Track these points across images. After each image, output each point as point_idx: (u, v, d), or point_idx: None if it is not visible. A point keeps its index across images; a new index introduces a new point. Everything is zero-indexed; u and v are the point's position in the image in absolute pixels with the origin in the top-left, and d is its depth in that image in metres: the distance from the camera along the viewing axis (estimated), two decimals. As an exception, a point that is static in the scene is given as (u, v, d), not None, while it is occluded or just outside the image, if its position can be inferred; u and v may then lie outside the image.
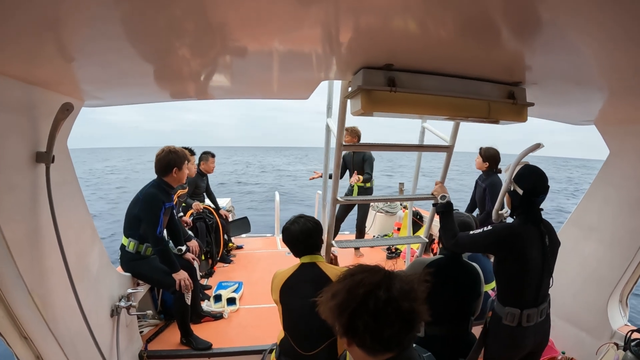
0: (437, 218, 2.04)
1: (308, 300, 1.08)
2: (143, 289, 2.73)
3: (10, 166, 1.39)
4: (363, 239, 4.55)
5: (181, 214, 4.07)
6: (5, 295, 1.36)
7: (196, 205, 4.10)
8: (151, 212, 2.47)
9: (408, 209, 3.60)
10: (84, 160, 61.21)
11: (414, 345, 1.05)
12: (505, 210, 2.01)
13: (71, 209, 1.86)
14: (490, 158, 3.49)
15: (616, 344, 2.30)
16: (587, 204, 2.75)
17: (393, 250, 4.83)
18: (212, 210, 4.39)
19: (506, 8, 0.90)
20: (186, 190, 3.86)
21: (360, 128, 4.32)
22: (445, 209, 1.96)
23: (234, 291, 3.55)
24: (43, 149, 1.52)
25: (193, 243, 3.20)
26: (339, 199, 2.18)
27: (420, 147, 2.35)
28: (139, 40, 1.14)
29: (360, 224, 4.74)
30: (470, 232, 1.83)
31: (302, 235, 1.83)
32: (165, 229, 2.85)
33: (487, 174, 3.52)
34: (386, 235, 5.52)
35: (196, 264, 2.97)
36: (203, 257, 3.92)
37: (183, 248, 2.92)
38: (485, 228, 1.78)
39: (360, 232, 4.78)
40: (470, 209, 3.75)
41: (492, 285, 2.67)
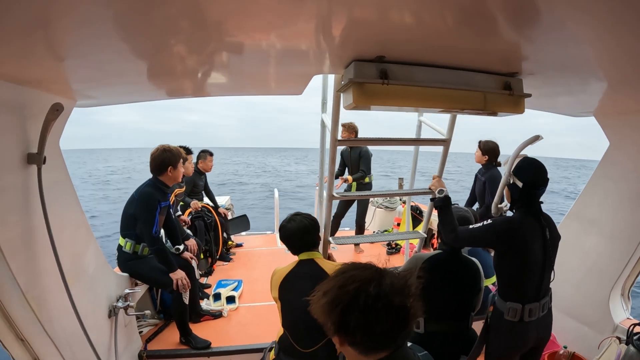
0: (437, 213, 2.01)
1: (306, 297, 1.07)
2: (141, 289, 2.72)
3: (1, 168, 1.38)
4: (360, 235, 4.54)
5: (179, 213, 4.06)
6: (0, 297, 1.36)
7: (194, 203, 4.09)
8: (147, 212, 2.45)
9: (406, 204, 3.57)
10: (85, 161, 61.33)
11: (410, 343, 1.03)
12: (504, 204, 1.98)
13: (65, 210, 1.85)
14: (489, 151, 3.45)
15: (618, 338, 2.27)
16: (587, 197, 2.71)
17: (393, 245, 4.81)
18: (211, 208, 4.37)
19: None
20: (183, 189, 3.84)
21: (358, 127, 4.28)
22: (443, 203, 1.93)
23: (234, 289, 3.53)
24: (35, 150, 1.51)
25: (191, 242, 3.19)
26: (335, 195, 2.16)
27: (416, 141, 2.32)
28: (132, 38, 1.13)
29: (359, 219, 4.72)
30: (469, 227, 1.81)
31: (299, 232, 1.83)
32: (162, 229, 2.84)
33: (487, 167, 3.49)
34: (386, 230, 5.50)
35: (194, 263, 2.95)
36: (202, 256, 3.90)
37: (181, 247, 2.91)
38: (484, 222, 1.76)
39: (360, 228, 4.77)
40: (470, 203, 3.72)
41: (493, 279, 2.65)
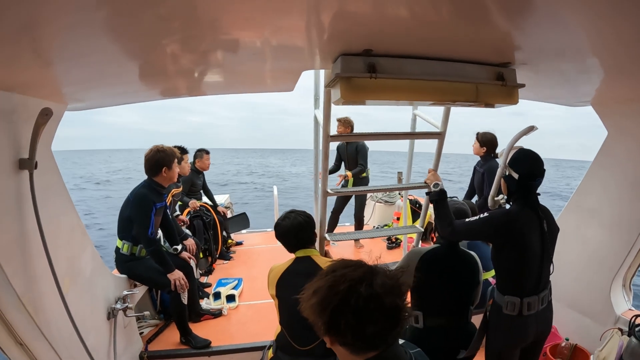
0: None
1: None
2: (140, 290, 2.72)
3: None
4: (356, 231, 4.50)
5: (178, 213, 4.05)
6: None
7: (193, 203, 4.08)
8: (142, 213, 2.44)
9: (403, 198, 3.55)
10: (90, 163, 61.52)
11: (403, 341, 1.01)
12: (501, 196, 1.96)
13: (59, 213, 1.85)
14: (487, 142, 3.42)
15: (620, 330, 2.24)
16: (586, 187, 2.68)
17: (393, 240, 4.78)
18: (210, 207, 4.36)
19: None
20: (180, 189, 3.83)
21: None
22: (438, 197, 1.91)
23: (234, 288, 3.53)
24: (26, 156, 1.51)
25: (190, 241, 3.17)
26: (329, 191, 2.14)
27: (411, 135, 2.30)
28: (121, 39, 1.12)
29: (358, 214, 4.69)
30: (466, 220, 1.78)
31: (294, 229, 1.82)
32: (160, 229, 2.83)
33: (485, 159, 3.45)
34: (386, 225, 5.48)
35: (193, 263, 2.94)
36: (201, 255, 3.90)
37: (179, 247, 2.90)
38: (481, 215, 1.73)
39: (359, 222, 4.74)
40: (469, 196, 3.69)
41: (493, 272, 2.62)
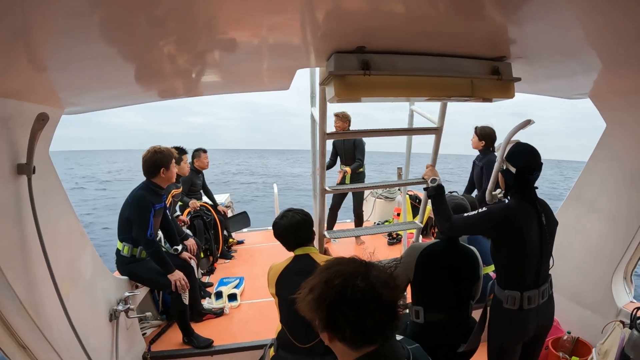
0: None
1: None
2: (141, 292, 2.73)
3: None
4: (355, 228, 4.48)
5: (178, 213, 4.06)
6: None
7: (193, 203, 4.08)
8: (140, 215, 2.45)
9: (402, 194, 3.54)
10: (93, 163, 61.54)
11: (401, 337, 1.01)
12: (499, 190, 1.95)
13: (58, 217, 1.86)
14: (486, 136, 3.41)
15: (622, 322, 2.24)
16: (586, 179, 2.66)
17: (394, 236, 4.78)
18: (210, 207, 4.37)
19: None
20: (180, 189, 3.83)
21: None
22: (436, 192, 1.90)
23: (235, 287, 3.55)
24: (24, 161, 1.51)
25: (190, 241, 3.18)
26: (327, 189, 2.14)
27: (408, 131, 2.29)
28: (116, 43, 1.11)
29: (357, 209, 4.66)
30: (464, 215, 1.78)
31: (292, 228, 1.82)
32: (160, 230, 2.84)
33: (484, 153, 3.45)
34: (387, 221, 5.48)
35: (193, 263, 2.95)
36: (202, 255, 3.91)
37: (179, 247, 2.90)
38: (480, 210, 1.74)
39: (358, 217, 4.71)
40: (468, 190, 3.69)
41: (494, 267, 2.62)
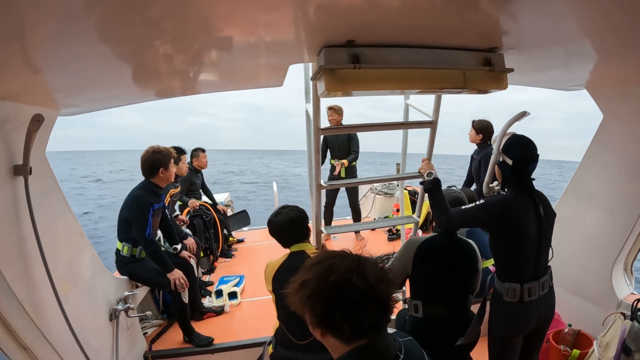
0: None
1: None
2: (141, 291, 2.73)
3: None
4: (353, 224, 4.47)
5: (177, 213, 4.07)
6: None
7: (192, 202, 4.09)
8: (139, 215, 2.45)
9: (400, 188, 3.54)
10: (97, 163, 61.63)
11: (395, 330, 1.02)
12: (495, 183, 1.95)
13: (56, 218, 1.86)
14: (483, 129, 3.40)
15: (623, 314, 2.23)
16: (584, 171, 2.65)
17: (394, 231, 4.78)
18: (209, 206, 4.37)
19: None
20: (179, 189, 3.84)
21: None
22: (432, 186, 1.90)
23: (235, 285, 3.56)
24: (20, 162, 1.52)
25: (190, 241, 3.19)
26: (323, 185, 2.14)
27: (403, 125, 2.28)
28: (112, 44, 1.12)
29: (354, 204, 4.64)
30: (462, 207, 1.78)
31: (287, 225, 1.82)
32: (159, 230, 2.84)
33: (482, 147, 3.44)
34: (387, 217, 5.48)
35: (193, 262, 2.96)
36: (202, 254, 3.92)
37: (178, 247, 2.91)
38: (477, 202, 1.74)
39: (356, 212, 4.69)
40: (467, 184, 3.69)
41: (493, 260, 2.61)
